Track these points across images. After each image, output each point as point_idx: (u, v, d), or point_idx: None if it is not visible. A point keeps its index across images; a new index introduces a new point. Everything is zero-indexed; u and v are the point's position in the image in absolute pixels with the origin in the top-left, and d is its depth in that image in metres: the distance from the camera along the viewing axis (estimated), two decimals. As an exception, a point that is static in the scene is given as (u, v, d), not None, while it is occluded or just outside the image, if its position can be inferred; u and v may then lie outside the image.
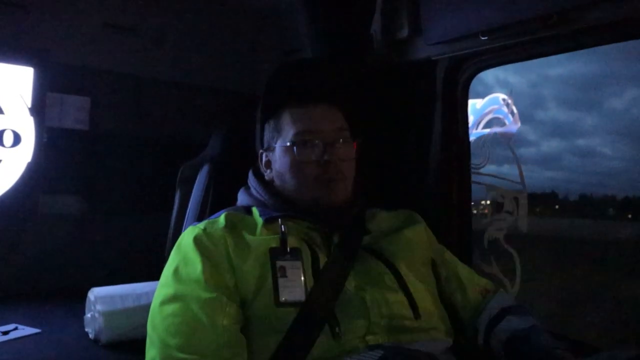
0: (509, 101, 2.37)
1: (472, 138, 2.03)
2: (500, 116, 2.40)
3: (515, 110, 2.38)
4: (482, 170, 2.41)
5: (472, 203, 1.83)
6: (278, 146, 1.21)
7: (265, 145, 1.26)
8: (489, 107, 2.44)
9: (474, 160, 2.14)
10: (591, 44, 1.41)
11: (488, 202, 2.43)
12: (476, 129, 2.45)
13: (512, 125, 2.39)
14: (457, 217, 1.72)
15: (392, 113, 1.82)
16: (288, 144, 1.18)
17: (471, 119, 2.23)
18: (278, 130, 1.22)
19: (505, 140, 2.40)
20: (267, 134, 1.26)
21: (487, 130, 2.43)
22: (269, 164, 1.25)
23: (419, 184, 1.76)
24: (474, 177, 1.92)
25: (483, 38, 1.47)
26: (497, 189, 2.40)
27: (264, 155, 1.27)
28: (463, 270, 1.33)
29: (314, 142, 1.16)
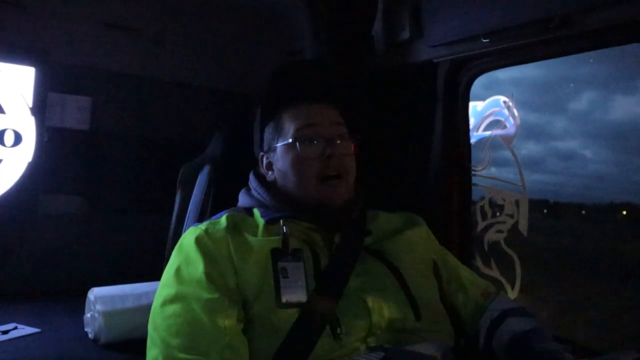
0: (510, 104, 2.37)
1: (472, 140, 2.03)
2: (501, 119, 2.40)
3: (516, 113, 2.38)
4: (482, 173, 2.41)
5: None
6: (279, 146, 1.21)
7: (266, 148, 1.26)
8: (489, 109, 2.44)
9: (475, 164, 2.14)
10: (592, 47, 1.41)
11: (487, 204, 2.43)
12: (477, 131, 2.45)
13: (513, 127, 2.38)
14: (457, 219, 1.72)
15: (393, 115, 1.82)
16: (290, 140, 1.18)
17: (472, 121, 2.23)
18: (278, 131, 1.23)
19: (507, 143, 2.40)
20: (267, 136, 1.26)
21: (487, 133, 2.43)
22: (270, 166, 1.25)
23: (420, 186, 1.76)
24: (474, 180, 1.92)
25: (484, 40, 1.47)
26: (498, 192, 2.39)
27: (264, 158, 1.27)
28: (464, 272, 1.33)
29: (315, 138, 1.17)
